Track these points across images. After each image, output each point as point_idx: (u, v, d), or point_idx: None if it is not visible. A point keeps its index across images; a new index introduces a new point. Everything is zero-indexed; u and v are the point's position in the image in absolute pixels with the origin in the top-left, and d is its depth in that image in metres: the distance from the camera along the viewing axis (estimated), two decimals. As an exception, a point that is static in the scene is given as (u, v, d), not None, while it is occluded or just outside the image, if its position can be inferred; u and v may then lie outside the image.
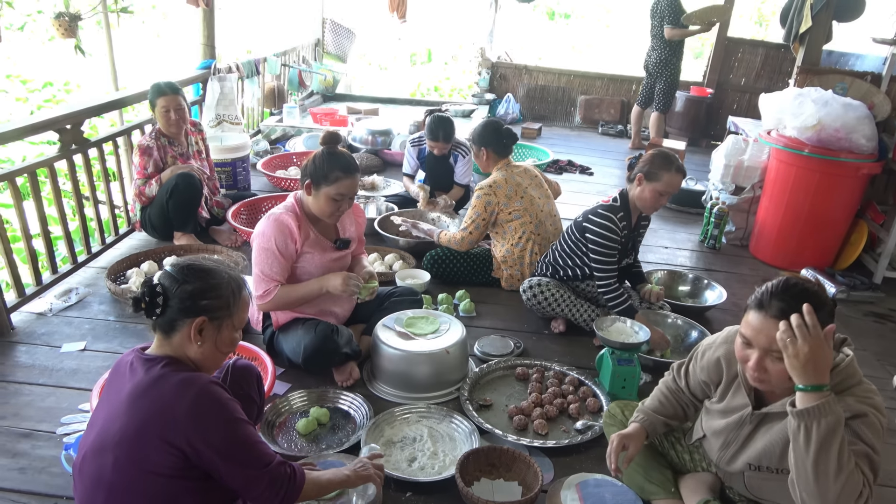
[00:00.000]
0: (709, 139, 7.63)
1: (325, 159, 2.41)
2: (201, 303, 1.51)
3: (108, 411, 1.51)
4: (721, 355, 1.83)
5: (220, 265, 1.62)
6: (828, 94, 3.82)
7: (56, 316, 2.99)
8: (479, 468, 2.13)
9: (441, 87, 11.43)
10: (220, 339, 1.57)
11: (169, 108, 3.58)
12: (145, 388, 1.46)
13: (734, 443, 1.79)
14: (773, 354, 1.55)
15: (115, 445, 1.44)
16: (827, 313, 1.53)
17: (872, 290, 3.83)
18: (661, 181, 2.77)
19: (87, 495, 1.48)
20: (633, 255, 3.15)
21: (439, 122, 4.16)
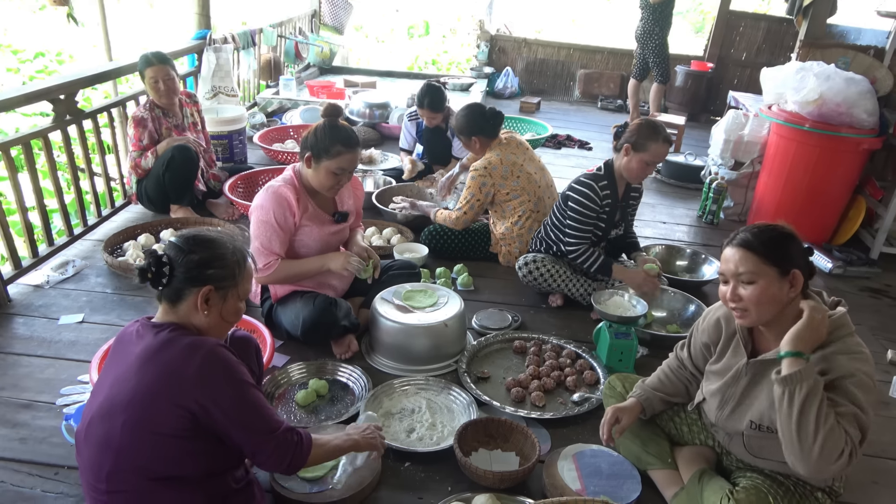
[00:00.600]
0: (709, 114, 7.58)
1: (326, 132, 2.38)
2: (207, 272, 1.53)
3: (115, 376, 1.52)
4: (721, 315, 1.91)
5: (225, 236, 1.62)
6: (830, 69, 3.78)
7: (53, 288, 2.99)
8: (476, 439, 2.15)
9: (439, 61, 11.30)
10: (226, 308, 1.58)
11: (157, 78, 3.52)
12: (154, 352, 1.48)
13: (731, 399, 1.82)
14: (741, 279, 1.66)
15: (125, 408, 1.45)
16: (791, 242, 1.66)
17: (869, 266, 3.84)
18: (649, 151, 2.75)
19: (94, 460, 1.49)
20: (623, 227, 3.12)
21: (426, 90, 4.11)
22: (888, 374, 2.82)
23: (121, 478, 1.47)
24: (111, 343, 2.31)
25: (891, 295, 3.64)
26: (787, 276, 1.63)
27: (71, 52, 10.42)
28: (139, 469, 1.47)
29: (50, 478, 1.94)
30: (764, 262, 1.63)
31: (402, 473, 2.05)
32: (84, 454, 1.54)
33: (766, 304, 1.65)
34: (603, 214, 2.93)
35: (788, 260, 1.64)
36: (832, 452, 1.51)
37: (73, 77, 3.30)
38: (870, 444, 2.30)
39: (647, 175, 2.88)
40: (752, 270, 1.63)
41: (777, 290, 1.64)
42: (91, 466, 1.51)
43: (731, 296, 1.69)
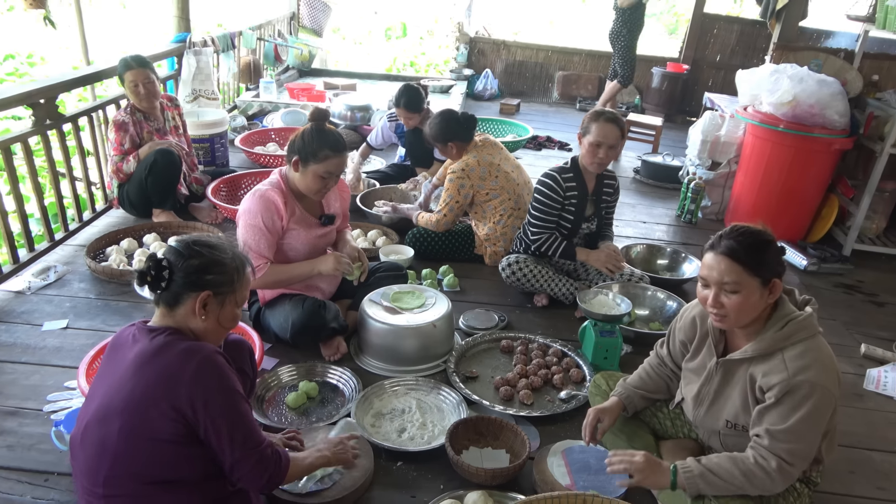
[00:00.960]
0: (685, 115, 7.71)
1: (314, 136, 2.40)
2: (206, 277, 1.54)
3: (111, 381, 1.52)
4: (696, 314, 1.97)
5: (225, 242, 1.64)
6: (803, 71, 3.89)
7: (35, 294, 2.95)
8: (467, 437, 2.18)
9: (417, 63, 11.32)
10: (223, 314, 1.60)
11: (137, 81, 3.50)
12: (151, 356, 1.49)
13: (706, 398, 1.89)
14: (725, 288, 1.70)
15: (121, 412, 1.46)
16: (772, 250, 1.71)
17: (842, 263, 3.95)
18: (592, 133, 2.84)
19: (91, 464, 1.49)
20: (598, 222, 3.14)
21: (403, 90, 4.13)
22: (862, 368, 2.91)
23: (118, 482, 1.48)
24: (105, 347, 2.32)
25: (863, 290, 3.75)
26: (767, 284, 1.69)
27: (42, 54, 10.26)
28: (136, 474, 1.48)
29: (40, 484, 1.93)
30: (748, 273, 1.67)
31: (395, 472, 2.07)
32: (80, 459, 1.54)
33: (747, 312, 1.71)
34: (570, 206, 3.00)
35: (770, 270, 1.69)
36: (765, 485, 1.67)
37: (54, 81, 3.27)
38: (845, 435, 2.41)
39: (598, 159, 2.87)
40: (737, 281, 1.67)
41: (758, 299, 1.70)
42: (87, 471, 1.51)
43: (713, 302, 1.73)
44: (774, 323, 1.74)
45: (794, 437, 1.64)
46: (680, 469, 1.76)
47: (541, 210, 3.00)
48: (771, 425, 1.67)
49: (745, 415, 1.79)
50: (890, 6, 3.79)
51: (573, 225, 3.04)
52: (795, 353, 1.68)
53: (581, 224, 3.07)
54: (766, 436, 1.67)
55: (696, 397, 1.93)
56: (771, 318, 1.75)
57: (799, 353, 1.68)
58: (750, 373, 1.76)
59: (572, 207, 3.00)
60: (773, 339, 1.72)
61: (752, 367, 1.76)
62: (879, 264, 4.08)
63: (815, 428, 1.66)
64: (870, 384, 2.79)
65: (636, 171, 5.43)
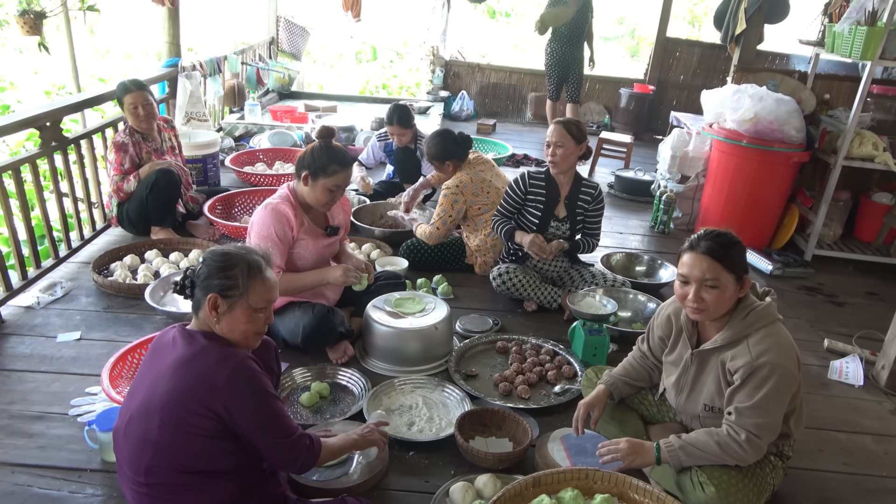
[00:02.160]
0: (652, 133, 8.07)
1: (322, 152, 2.58)
2: (213, 282, 1.68)
3: (152, 379, 1.67)
4: (671, 312, 2.19)
5: (242, 249, 1.76)
6: (762, 91, 4.21)
7: (44, 309, 3.05)
8: (473, 428, 2.35)
9: (389, 85, 11.57)
10: (234, 316, 1.69)
11: (136, 104, 3.64)
12: (188, 360, 1.63)
13: (686, 386, 2.11)
14: (706, 284, 1.89)
15: (161, 409, 1.60)
16: (740, 249, 1.94)
17: (804, 267, 4.25)
18: (546, 135, 3.24)
19: (133, 455, 1.63)
20: (570, 225, 3.32)
21: (395, 109, 4.38)
22: (825, 360, 3.17)
23: (159, 471, 1.62)
24: (125, 353, 2.45)
25: (823, 292, 4.04)
26: (740, 280, 1.92)
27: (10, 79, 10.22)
28: (174, 464, 1.61)
29: (75, 480, 2.04)
30: (726, 269, 1.89)
31: (408, 461, 2.24)
32: (123, 449, 1.67)
33: (724, 304, 1.93)
34: (536, 203, 3.28)
35: (742, 267, 1.93)
36: (738, 454, 1.87)
37: (59, 105, 3.40)
38: (814, 418, 2.65)
39: (552, 158, 3.20)
40: (716, 277, 1.89)
41: (732, 293, 1.92)
42: (130, 460, 1.65)
43: (694, 297, 1.91)
44: (739, 313, 1.96)
45: (760, 412, 1.86)
46: (662, 445, 1.97)
47: (504, 200, 3.38)
48: (739, 403, 1.89)
49: (719, 398, 2.00)
50: (836, 32, 4.15)
51: (540, 221, 3.29)
52: (757, 339, 1.90)
53: (549, 222, 3.30)
54: (735, 413, 1.89)
55: (676, 386, 2.14)
56: (736, 309, 1.97)
57: (760, 338, 1.90)
58: (721, 359, 1.98)
59: (539, 205, 3.28)
60: (738, 328, 1.94)
61: (723, 354, 1.98)
62: (837, 268, 4.40)
63: (778, 403, 1.88)
64: (833, 374, 3.04)
65: (610, 185, 5.71)
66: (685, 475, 1.98)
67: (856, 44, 3.95)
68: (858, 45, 3.93)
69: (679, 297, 2.01)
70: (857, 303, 3.93)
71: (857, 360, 3.11)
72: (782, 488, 2.18)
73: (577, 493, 1.87)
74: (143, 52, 12.77)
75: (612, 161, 6.34)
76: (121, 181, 3.64)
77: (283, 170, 5.08)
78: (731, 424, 1.89)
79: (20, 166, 3.10)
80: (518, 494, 1.86)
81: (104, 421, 2.09)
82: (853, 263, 4.46)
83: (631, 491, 1.90)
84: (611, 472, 1.93)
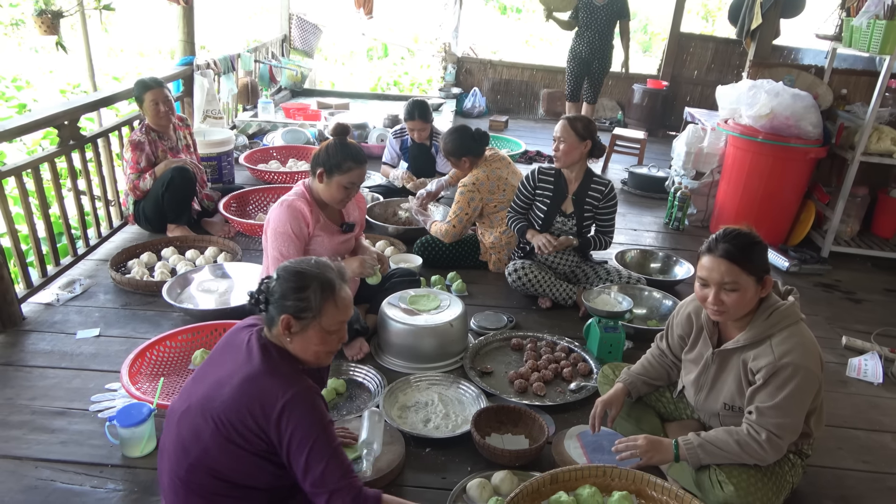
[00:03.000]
0: (665, 129, 8.02)
1: (338, 150, 2.59)
2: (286, 303, 1.63)
3: (218, 379, 1.63)
4: (691, 310, 2.17)
5: (320, 268, 1.68)
6: (778, 86, 4.17)
7: (64, 306, 3.08)
8: (489, 425, 2.36)
9: (401, 82, 11.58)
10: (307, 337, 1.65)
11: (157, 100, 3.67)
12: (255, 377, 1.58)
13: (705, 385, 2.09)
14: (726, 287, 1.87)
15: (217, 416, 1.57)
16: (761, 249, 1.90)
17: (821, 264, 4.21)
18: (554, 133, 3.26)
19: (181, 446, 1.62)
20: (578, 221, 3.31)
21: (414, 104, 4.39)
22: (844, 357, 3.15)
23: (199, 471, 1.60)
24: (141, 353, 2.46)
25: (841, 289, 4.01)
26: (761, 281, 1.90)
27: (27, 77, 10.34)
28: (216, 470, 1.60)
29: (97, 475, 2.07)
30: (745, 272, 1.86)
31: (424, 457, 2.25)
32: (173, 434, 1.66)
33: (744, 306, 1.91)
34: (543, 198, 3.31)
35: (763, 268, 1.90)
36: (757, 454, 1.86)
37: (77, 104, 3.43)
38: (833, 416, 2.63)
39: (556, 153, 3.22)
40: (735, 280, 1.86)
41: (753, 295, 1.90)
42: (176, 451, 1.64)
43: (714, 300, 1.89)
44: (762, 313, 1.94)
45: (781, 412, 1.85)
46: (681, 443, 1.96)
47: (516, 196, 3.45)
48: (760, 403, 1.87)
49: (740, 397, 1.99)
50: (854, 26, 4.10)
51: (546, 216, 3.31)
52: (780, 339, 1.88)
53: (554, 217, 3.31)
54: (757, 412, 1.87)
55: (695, 384, 2.13)
56: (759, 309, 1.95)
57: (783, 338, 1.88)
58: (742, 359, 1.97)
59: (547, 199, 3.31)
60: (761, 328, 1.92)
61: (744, 354, 1.96)
62: (855, 265, 4.36)
63: (799, 404, 1.87)
64: (852, 372, 3.02)
65: (624, 182, 5.69)
66: (704, 473, 1.97)
67: (874, 38, 3.90)
68: (877, 40, 3.88)
69: (699, 299, 1.99)
70: (875, 300, 3.89)
71: (875, 357, 3.08)
72: (801, 486, 2.17)
73: (595, 491, 1.87)
74: (156, 50, 12.87)
75: (626, 157, 6.31)
76: (137, 179, 3.67)
77: (296, 167, 5.10)
78: (751, 424, 1.88)
79: (39, 165, 3.14)
80: (535, 491, 1.86)
81: (125, 417, 2.11)
82: (871, 260, 4.41)
83: (649, 488, 1.89)
84: (629, 470, 1.93)
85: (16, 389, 2.46)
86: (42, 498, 1.97)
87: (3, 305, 2.79)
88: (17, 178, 2.98)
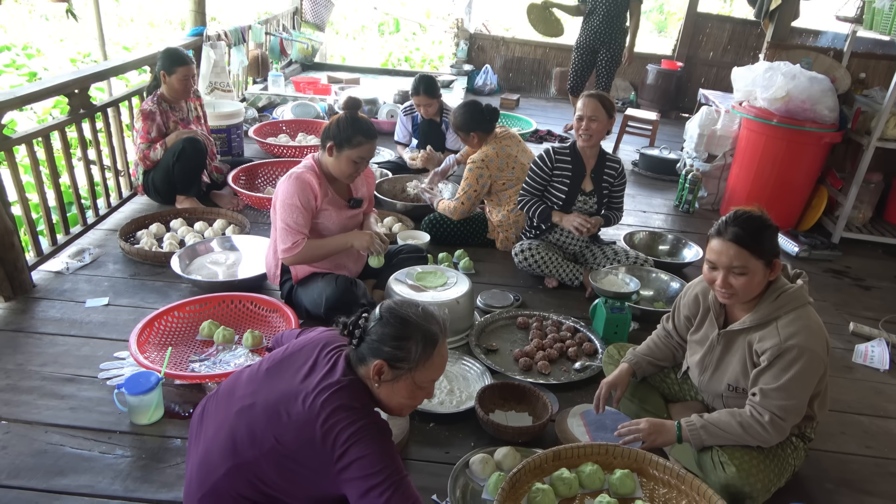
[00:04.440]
0: (678, 111, 7.94)
1: (348, 124, 2.58)
2: (384, 348, 1.52)
3: (293, 389, 1.52)
4: (699, 291, 2.17)
5: (426, 320, 1.56)
6: (795, 68, 4.10)
7: (73, 274, 3.11)
8: (493, 401, 2.37)
9: (412, 58, 11.48)
10: (396, 388, 1.55)
11: (188, 76, 3.70)
12: (333, 402, 1.46)
13: (710, 366, 2.09)
14: (734, 271, 1.86)
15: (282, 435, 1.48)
16: (771, 233, 1.88)
17: (831, 250, 4.18)
18: (577, 109, 3.20)
19: (237, 441, 1.53)
20: (598, 200, 3.30)
21: (420, 79, 4.34)
22: (850, 344, 3.14)
23: (240, 476, 1.51)
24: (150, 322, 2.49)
25: (850, 275, 3.98)
26: (770, 265, 1.89)
27: (37, 46, 10.30)
28: (260, 480, 1.51)
29: (105, 441, 2.10)
30: (754, 256, 1.85)
31: (428, 432, 2.26)
32: (227, 424, 1.56)
33: (753, 289, 1.90)
34: (562, 179, 3.27)
35: (773, 252, 1.88)
36: (760, 436, 1.86)
37: (87, 72, 3.42)
38: (837, 401, 2.63)
39: (585, 131, 3.16)
40: (745, 265, 1.85)
41: (762, 278, 1.89)
42: (225, 443, 1.54)
43: (722, 283, 1.89)
44: (769, 295, 1.93)
45: (785, 394, 1.84)
46: (684, 424, 1.97)
47: (530, 178, 3.35)
48: (764, 385, 1.87)
49: (744, 378, 1.99)
50: (877, 8, 4.02)
51: (567, 196, 3.28)
52: (787, 321, 1.88)
53: (576, 196, 3.29)
54: (760, 394, 1.87)
55: (700, 365, 2.13)
56: (766, 291, 1.94)
57: (790, 320, 1.87)
58: (748, 340, 1.96)
59: (566, 180, 3.26)
60: (767, 310, 1.91)
61: (750, 336, 1.95)
62: (866, 251, 4.32)
63: (803, 387, 1.86)
64: (858, 358, 3.01)
65: (634, 163, 5.65)
66: (706, 454, 1.98)
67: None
68: (899, 22, 3.81)
69: (707, 281, 1.98)
70: (885, 287, 3.86)
71: (883, 344, 3.07)
72: (803, 469, 2.18)
73: (597, 468, 1.88)
74: (166, 20, 12.79)
75: (637, 139, 6.25)
76: (147, 149, 3.67)
77: (305, 141, 5.08)
78: (755, 405, 1.88)
79: (49, 133, 3.14)
80: (538, 467, 1.88)
81: (133, 385, 2.14)
82: (882, 247, 4.38)
83: (651, 467, 1.91)
84: (631, 448, 1.94)
85: (26, 355, 2.49)
86: (52, 461, 2.00)
87: (13, 273, 2.81)
88: (27, 147, 2.98)
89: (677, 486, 1.87)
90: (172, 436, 2.14)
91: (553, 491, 1.83)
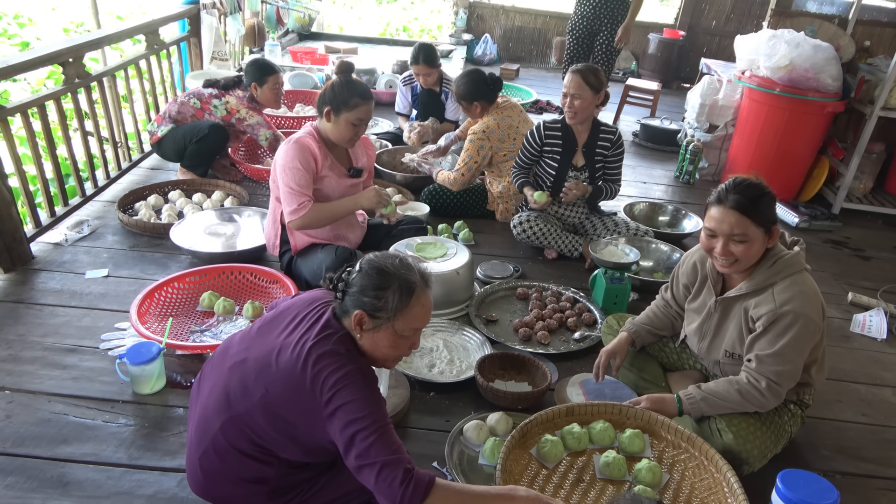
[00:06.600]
0: (680, 81, 7.85)
1: (343, 87, 2.55)
2: (364, 298, 1.55)
3: (281, 343, 1.55)
4: (696, 259, 2.17)
5: (404, 269, 1.58)
6: (799, 36, 4.05)
7: (72, 246, 3.10)
8: (493, 371, 2.39)
9: (410, 27, 11.32)
10: (378, 337, 1.57)
11: (278, 83, 3.74)
12: (317, 350, 1.50)
13: (708, 333, 2.10)
14: (734, 238, 1.86)
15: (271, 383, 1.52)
16: (770, 200, 1.88)
17: (831, 220, 4.18)
18: (563, 86, 3.15)
19: (230, 395, 1.57)
20: (590, 173, 3.28)
21: (420, 47, 4.26)
22: (849, 313, 3.15)
23: (235, 428, 1.55)
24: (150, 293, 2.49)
25: (850, 246, 3.98)
26: (769, 232, 1.88)
27: (29, 14, 10.13)
28: (252, 431, 1.55)
29: (108, 410, 2.11)
30: (755, 223, 1.84)
31: (429, 401, 2.28)
32: (222, 380, 1.61)
33: (753, 257, 1.90)
34: (553, 153, 3.25)
35: (771, 219, 1.88)
36: (758, 401, 1.89)
37: (82, 40, 3.37)
38: (834, 370, 2.65)
39: (569, 109, 3.12)
40: (745, 232, 1.84)
41: (761, 245, 1.89)
42: (220, 398, 1.59)
43: (722, 251, 1.89)
44: (766, 262, 1.93)
45: (781, 360, 1.86)
46: (684, 397, 1.99)
47: (521, 151, 3.37)
48: (760, 350, 1.88)
49: (741, 345, 2.00)
50: (884, -27, 3.95)
51: (557, 172, 3.26)
52: (782, 287, 1.88)
53: (566, 171, 3.27)
54: (756, 360, 1.89)
55: (698, 332, 2.13)
56: (763, 258, 1.94)
57: (785, 286, 1.88)
58: (744, 307, 1.97)
59: (556, 155, 3.25)
60: (764, 276, 1.92)
61: (746, 302, 1.96)
62: (866, 222, 4.32)
63: (798, 352, 1.87)
64: (856, 327, 3.03)
65: (635, 134, 5.61)
66: (704, 422, 2.01)
67: (902, -13, 3.77)
68: (905, -11, 3.74)
69: (705, 249, 1.98)
70: (884, 257, 3.87)
71: (881, 313, 3.08)
72: (800, 436, 2.21)
73: (609, 426, 1.92)
74: (160, -11, 12.57)
75: (638, 109, 6.20)
76: (156, 130, 3.64)
77: (303, 112, 5.03)
78: (751, 372, 1.89)
79: (45, 103, 3.10)
80: (549, 420, 1.92)
81: (135, 355, 2.15)
82: (882, 217, 4.38)
83: (661, 429, 1.94)
84: (643, 409, 1.96)
85: (27, 326, 2.50)
86: (56, 430, 2.02)
87: (12, 244, 2.81)
88: (23, 117, 2.95)
89: (687, 449, 1.90)
90: (175, 405, 2.16)
91: (562, 443, 1.86)
